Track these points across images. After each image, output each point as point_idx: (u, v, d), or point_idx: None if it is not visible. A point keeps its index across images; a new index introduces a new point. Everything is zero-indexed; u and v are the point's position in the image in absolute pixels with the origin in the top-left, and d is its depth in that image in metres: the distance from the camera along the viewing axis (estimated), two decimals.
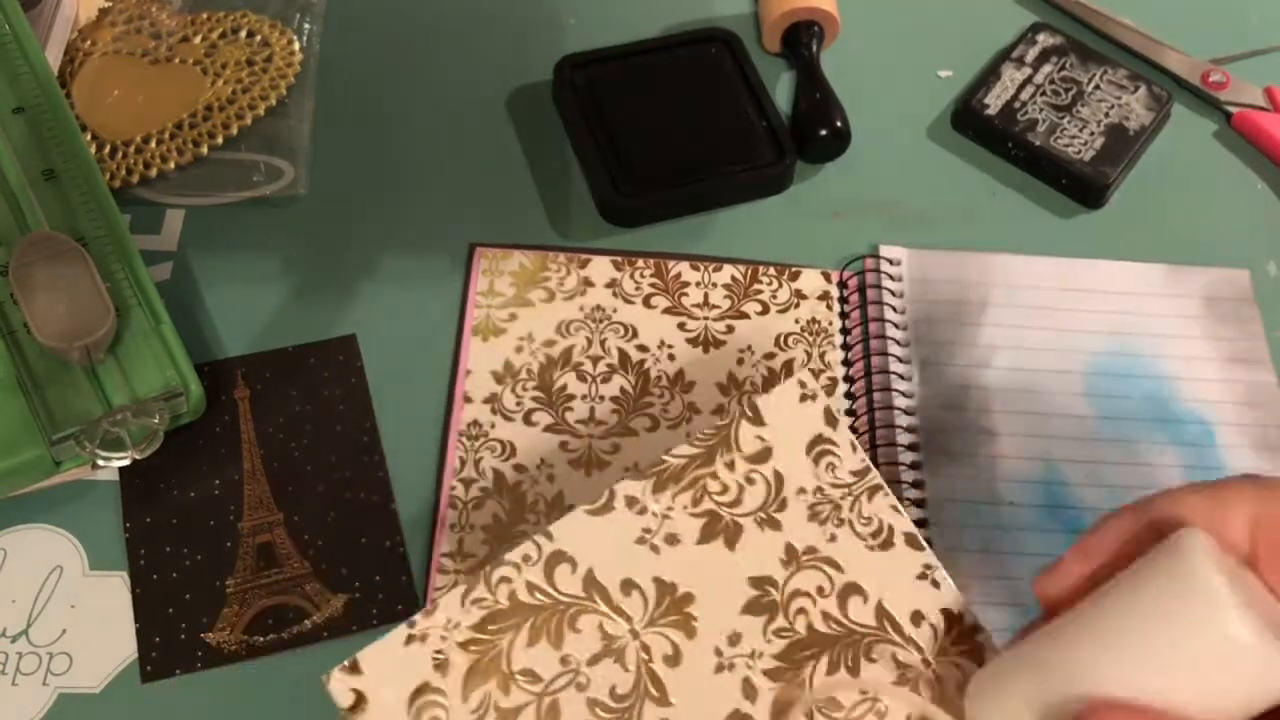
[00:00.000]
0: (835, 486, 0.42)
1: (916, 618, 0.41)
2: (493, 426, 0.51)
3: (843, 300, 0.56)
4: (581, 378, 0.53)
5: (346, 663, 0.38)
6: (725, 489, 0.41)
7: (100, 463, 0.45)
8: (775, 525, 0.41)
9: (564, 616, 0.39)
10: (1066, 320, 0.56)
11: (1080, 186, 0.60)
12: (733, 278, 0.56)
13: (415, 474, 0.50)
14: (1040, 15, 0.67)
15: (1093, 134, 0.61)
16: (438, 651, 0.38)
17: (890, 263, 0.57)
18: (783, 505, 0.42)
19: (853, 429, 0.52)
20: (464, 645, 0.38)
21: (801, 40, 0.63)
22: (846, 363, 0.54)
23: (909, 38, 0.66)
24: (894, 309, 0.56)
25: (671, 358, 0.54)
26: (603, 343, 0.54)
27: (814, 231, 0.58)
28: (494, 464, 0.51)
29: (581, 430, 0.52)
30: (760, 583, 0.40)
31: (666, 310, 0.55)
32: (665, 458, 0.42)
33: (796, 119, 0.61)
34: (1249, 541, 0.35)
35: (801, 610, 0.40)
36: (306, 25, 0.62)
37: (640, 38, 0.62)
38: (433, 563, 0.48)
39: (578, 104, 0.59)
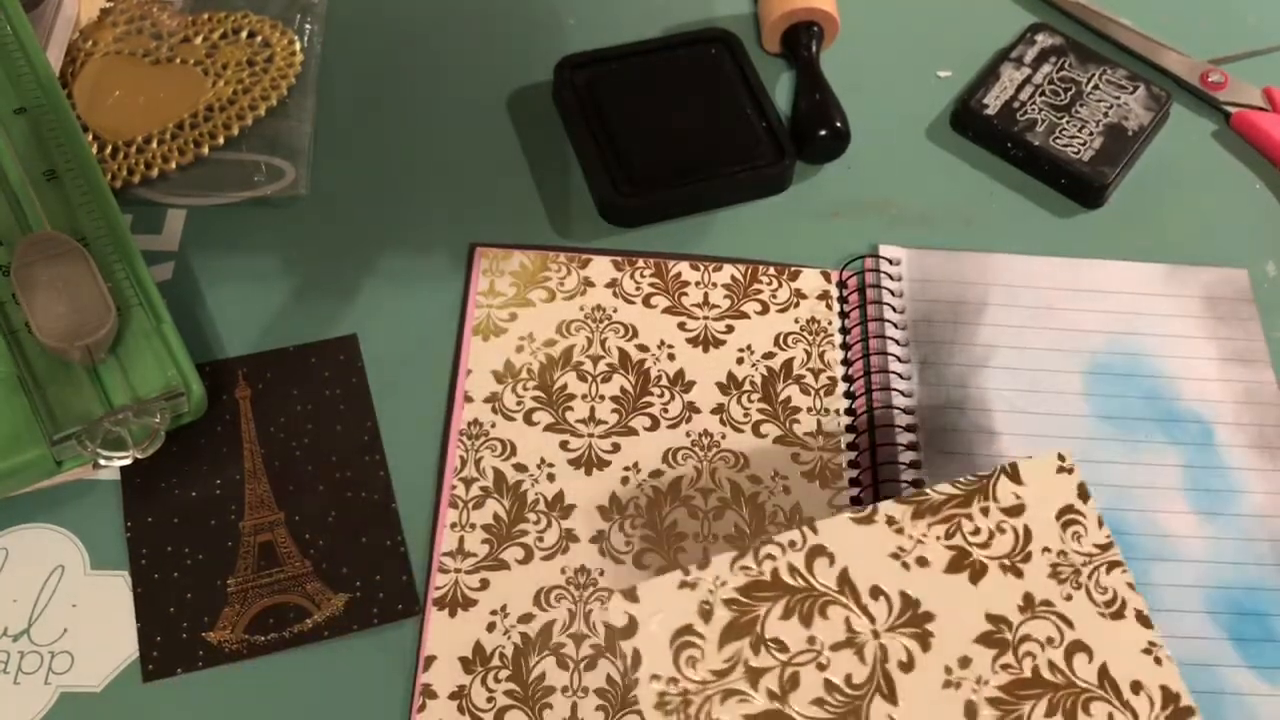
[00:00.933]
0: (1078, 554, 0.45)
1: (1136, 686, 0.43)
2: (493, 426, 0.52)
3: (842, 300, 0.56)
4: (582, 377, 0.53)
5: (626, 589, 0.41)
6: (978, 531, 0.44)
7: (101, 462, 0.46)
8: (1018, 573, 0.44)
9: (816, 602, 0.42)
10: (1066, 320, 0.56)
11: (1079, 186, 0.60)
12: (732, 278, 0.56)
13: (416, 473, 0.51)
14: (1039, 15, 0.67)
15: (1092, 134, 0.61)
16: (704, 601, 0.42)
17: (890, 262, 0.57)
18: (1027, 557, 0.45)
19: (852, 428, 0.52)
20: (728, 602, 0.42)
21: (801, 40, 0.63)
22: (846, 362, 0.54)
23: (909, 38, 0.66)
24: (893, 309, 0.56)
25: (671, 357, 0.54)
26: (603, 342, 0.54)
27: (814, 231, 0.59)
28: (494, 463, 0.51)
29: (581, 430, 0.52)
30: (996, 620, 0.43)
31: (666, 310, 0.55)
32: (929, 491, 0.45)
33: (796, 119, 0.61)
34: None
35: (1030, 654, 0.43)
36: (307, 26, 0.62)
37: (640, 38, 0.62)
38: (433, 562, 0.48)
39: (578, 104, 0.59)
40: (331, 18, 0.63)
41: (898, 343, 0.55)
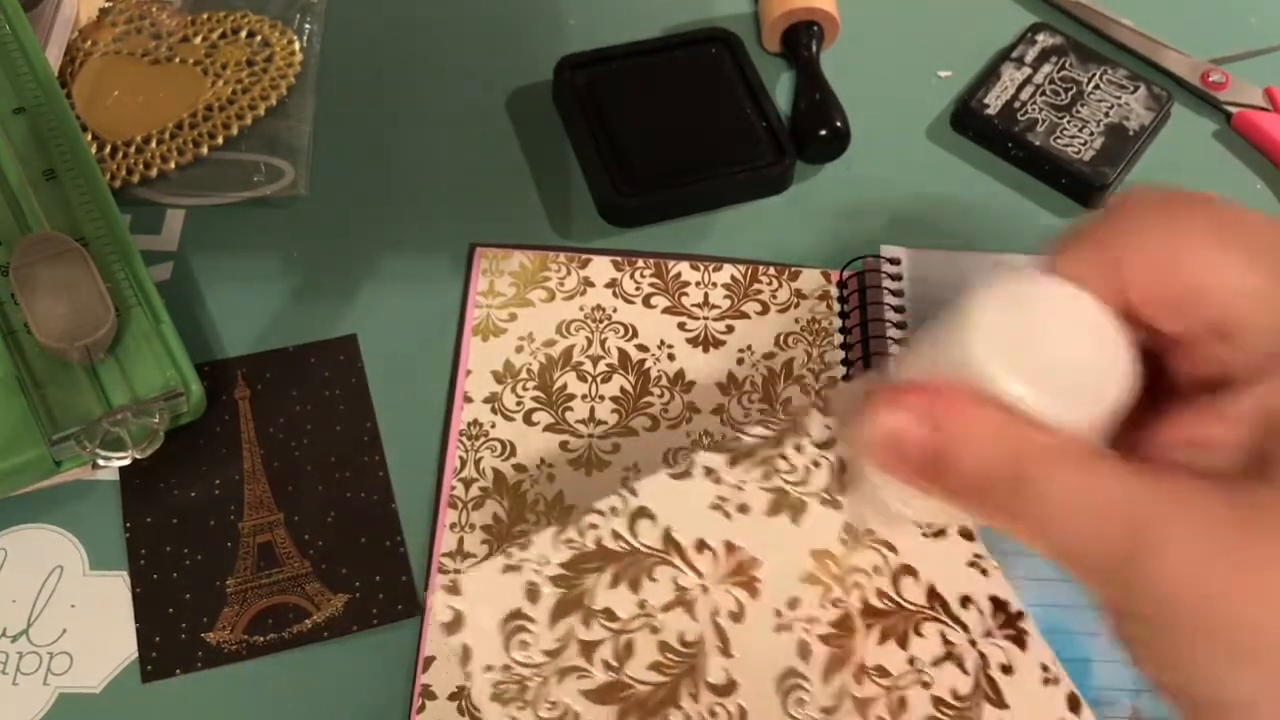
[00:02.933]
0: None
1: (965, 601, 0.43)
2: (493, 426, 0.51)
3: (842, 300, 0.56)
4: (581, 377, 0.53)
5: (448, 581, 0.41)
6: (794, 469, 0.44)
7: (100, 462, 0.45)
8: (837, 505, 0.44)
9: (643, 565, 0.42)
10: None
11: (1080, 186, 0.60)
12: (733, 278, 0.56)
13: (415, 474, 0.50)
14: (1040, 15, 0.67)
15: (1092, 134, 0.61)
16: (530, 583, 0.41)
17: (890, 262, 0.57)
18: (845, 489, 0.44)
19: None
20: (554, 580, 0.41)
21: (801, 40, 0.63)
22: (846, 363, 0.54)
23: (909, 38, 0.66)
24: (894, 309, 0.56)
25: (671, 358, 0.54)
26: (603, 343, 0.54)
27: (814, 231, 0.59)
28: (494, 463, 0.51)
29: (581, 430, 0.52)
30: (820, 556, 0.43)
31: (666, 310, 0.55)
32: (742, 435, 0.45)
33: (796, 119, 0.61)
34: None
35: (857, 584, 0.43)
36: (307, 25, 0.62)
37: (640, 38, 0.62)
38: (433, 563, 0.48)
39: (578, 104, 0.59)
40: (331, 17, 0.63)
41: (898, 344, 0.55)
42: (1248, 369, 0.30)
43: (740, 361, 0.54)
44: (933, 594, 0.43)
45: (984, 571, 0.43)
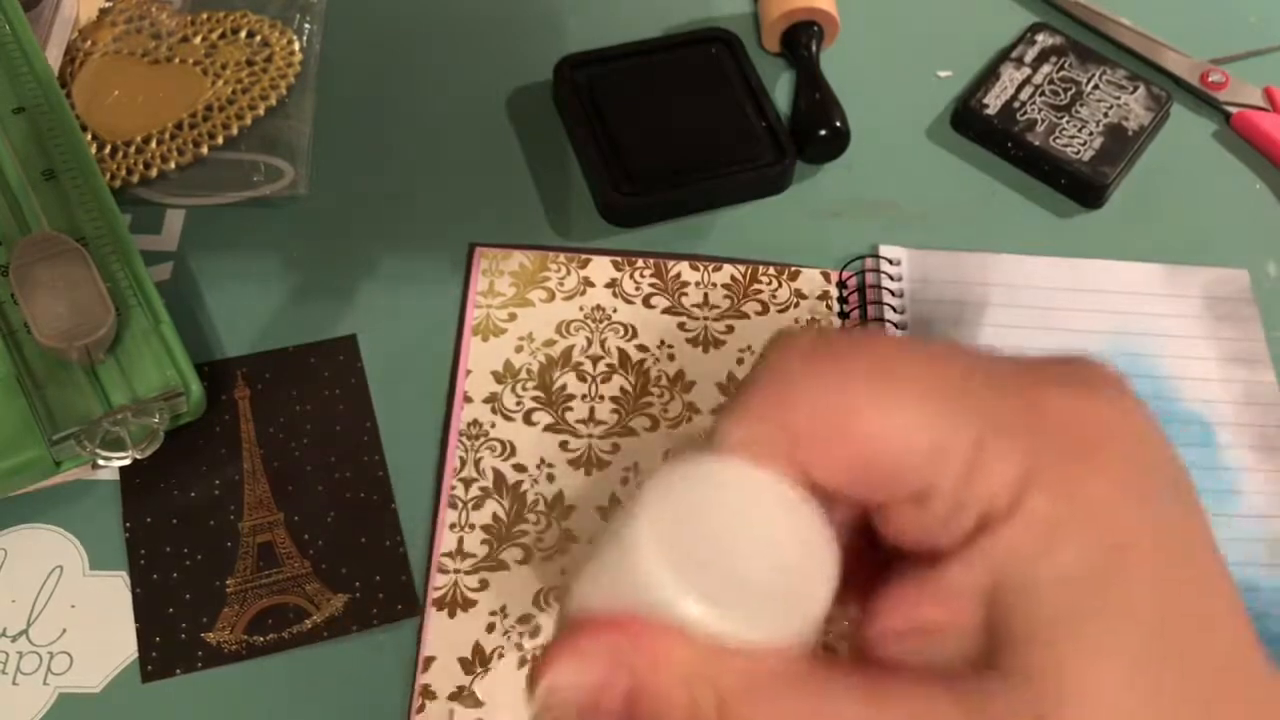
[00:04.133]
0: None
1: None
2: (493, 426, 0.51)
3: (842, 300, 0.56)
4: (581, 378, 0.53)
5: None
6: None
7: (100, 462, 0.45)
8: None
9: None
10: (1066, 320, 0.56)
11: (1079, 186, 0.60)
12: (732, 278, 0.56)
13: (415, 474, 0.50)
14: (1039, 15, 0.67)
15: (1092, 134, 0.61)
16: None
17: (890, 263, 0.57)
18: None
19: None
20: None
21: (801, 40, 0.63)
22: None
23: (909, 38, 0.66)
24: (894, 309, 0.56)
25: (671, 358, 0.54)
26: (603, 343, 0.54)
27: (814, 231, 0.59)
28: (494, 463, 0.51)
29: (581, 430, 0.52)
30: None
31: (666, 310, 0.55)
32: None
33: (796, 119, 0.61)
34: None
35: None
36: (307, 25, 0.62)
37: (640, 38, 0.62)
38: (433, 563, 0.48)
39: (578, 104, 0.59)
40: (331, 17, 0.63)
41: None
42: (951, 533, 0.25)
43: (740, 361, 0.54)
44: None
45: None
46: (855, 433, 0.25)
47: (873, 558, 0.28)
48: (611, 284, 0.55)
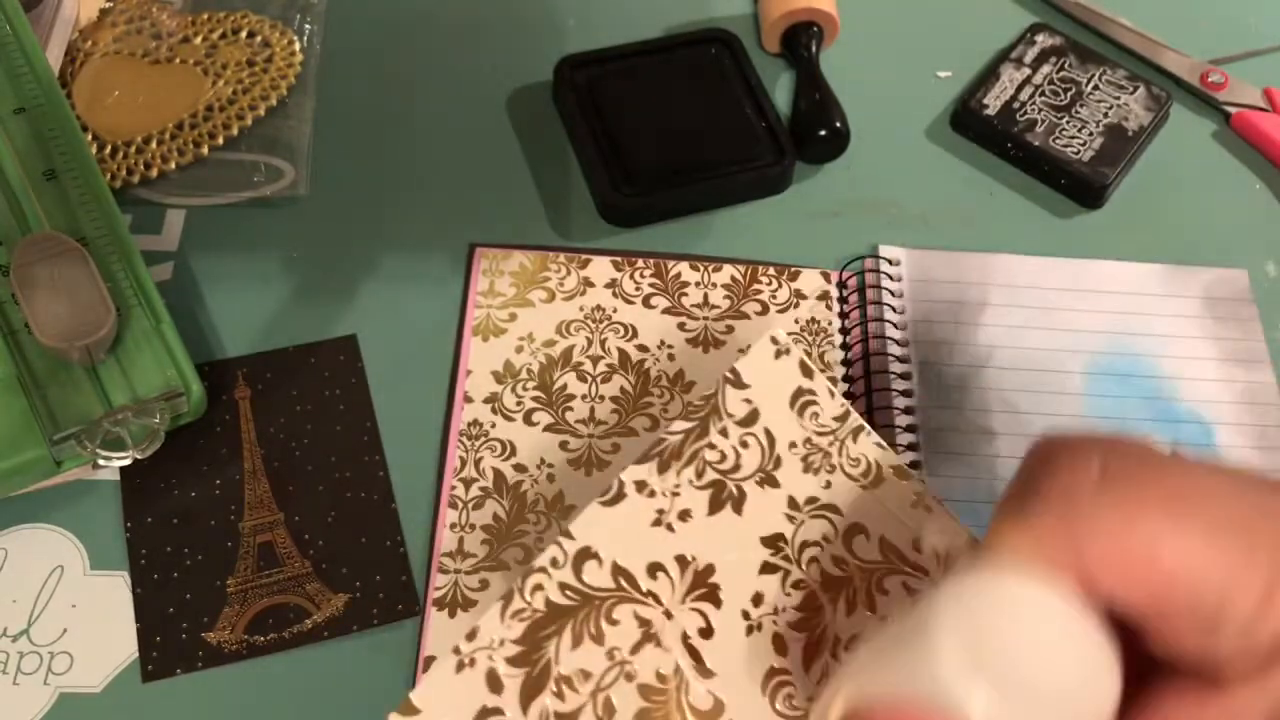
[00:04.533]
0: (821, 434, 0.43)
1: (917, 544, 0.42)
2: (493, 426, 0.52)
3: (842, 300, 0.56)
4: (581, 378, 0.53)
5: (402, 705, 0.38)
6: (724, 457, 0.42)
7: (101, 462, 0.45)
8: (774, 483, 0.42)
9: (600, 611, 0.40)
10: (1065, 320, 0.56)
11: (1079, 187, 0.60)
12: (732, 278, 0.56)
13: (415, 474, 0.51)
14: (1039, 16, 0.67)
15: (1091, 134, 0.61)
16: (490, 671, 0.39)
17: (890, 263, 0.57)
18: (778, 463, 0.43)
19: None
20: (513, 661, 0.39)
21: (801, 40, 0.63)
22: (846, 363, 0.54)
23: (908, 38, 0.66)
24: (893, 309, 0.56)
25: (671, 358, 0.54)
26: (603, 343, 0.54)
27: (813, 231, 0.59)
28: (494, 464, 0.51)
29: (581, 430, 0.52)
30: (771, 541, 0.41)
31: (666, 310, 0.55)
32: (663, 435, 0.43)
33: (796, 119, 0.61)
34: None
35: (814, 560, 0.42)
36: (307, 26, 0.62)
37: (640, 38, 0.62)
38: (433, 563, 0.48)
39: (578, 104, 0.59)
40: (331, 17, 0.63)
41: (898, 343, 0.55)
42: (1237, 659, 0.27)
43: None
44: (885, 545, 0.41)
45: (928, 508, 0.42)
46: (1153, 563, 0.27)
47: (1129, 662, 0.29)
48: (611, 284, 0.56)
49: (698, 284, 0.56)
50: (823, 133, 0.59)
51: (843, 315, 0.56)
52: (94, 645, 0.46)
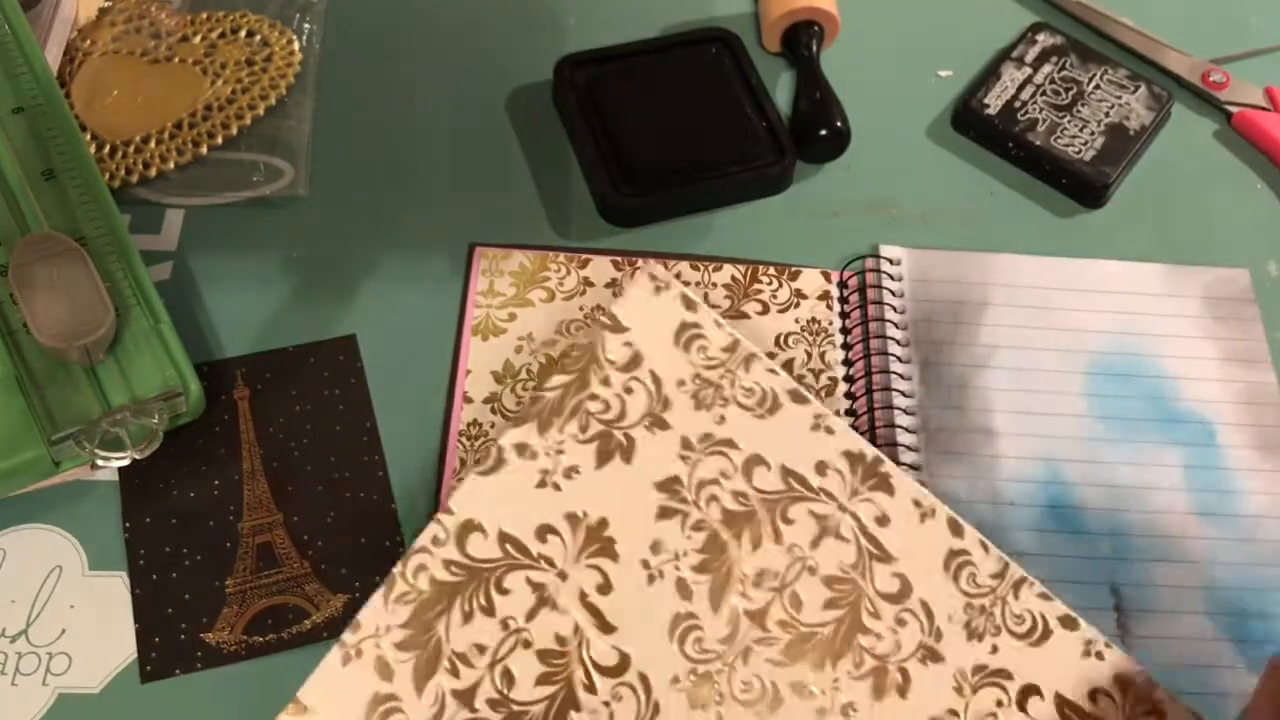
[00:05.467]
0: (710, 368, 0.42)
1: (821, 468, 0.41)
2: (492, 426, 0.51)
3: (843, 300, 0.56)
4: None
5: (291, 706, 0.38)
6: (607, 406, 0.41)
7: (100, 463, 0.45)
8: (665, 425, 0.42)
9: (489, 582, 0.39)
10: (1066, 320, 0.56)
11: (1080, 186, 0.60)
12: (733, 278, 0.56)
13: (415, 474, 0.50)
14: (1040, 15, 0.67)
15: (1093, 134, 0.61)
16: (379, 659, 0.38)
17: (890, 262, 0.57)
18: (667, 404, 0.42)
19: (853, 429, 0.52)
20: (401, 645, 0.38)
21: (801, 40, 0.63)
22: (847, 362, 0.54)
23: (909, 38, 0.66)
24: (894, 309, 0.56)
25: None
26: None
27: (814, 231, 0.58)
28: None
29: None
30: (666, 485, 0.41)
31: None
32: (541, 393, 0.42)
33: (796, 119, 0.61)
34: None
35: (713, 498, 0.41)
36: (306, 25, 0.62)
37: (640, 38, 0.62)
38: None
39: (578, 104, 0.59)
40: (330, 17, 0.63)
41: (898, 343, 0.55)
42: None
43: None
44: (787, 474, 0.41)
45: (829, 430, 0.41)
46: None
47: None
48: (611, 284, 0.55)
49: (698, 284, 0.56)
50: (823, 132, 0.59)
51: (843, 315, 0.55)
52: (93, 646, 0.46)
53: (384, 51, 0.63)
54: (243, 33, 0.61)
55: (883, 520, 0.41)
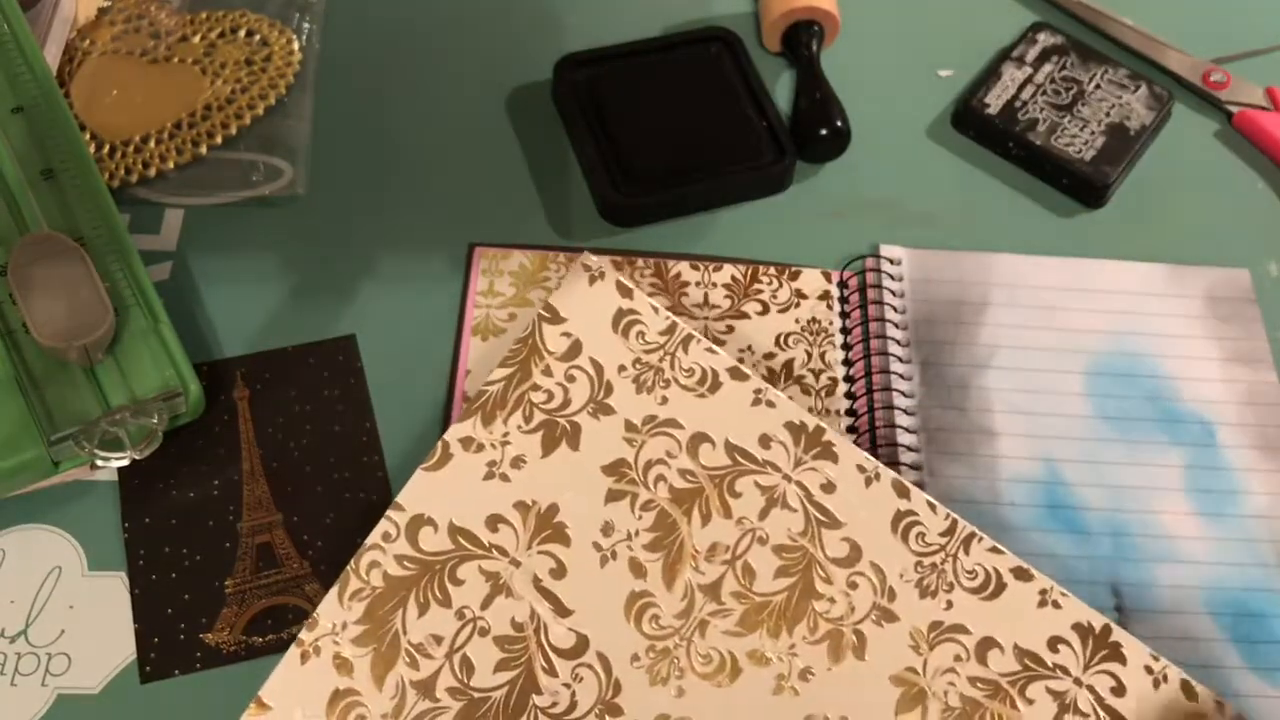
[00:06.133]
0: (650, 351, 0.43)
1: (765, 441, 0.42)
2: None
3: (843, 300, 0.56)
4: None
5: (253, 705, 0.39)
6: (550, 395, 0.42)
7: (99, 463, 0.45)
8: (608, 410, 0.42)
9: (442, 574, 0.40)
10: (1067, 320, 0.56)
11: (1081, 186, 0.60)
12: (733, 277, 0.56)
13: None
14: (1040, 15, 0.67)
15: (1093, 133, 0.61)
16: (336, 656, 0.39)
17: (891, 262, 0.57)
18: (609, 389, 0.43)
19: (853, 429, 0.52)
20: (358, 641, 0.39)
21: (801, 40, 0.62)
22: (847, 362, 0.54)
23: (909, 37, 0.66)
24: (894, 309, 0.56)
25: None
26: None
27: (814, 231, 0.58)
28: None
29: None
30: (613, 469, 0.41)
31: (666, 310, 0.55)
32: (483, 387, 0.42)
33: (796, 119, 0.61)
34: None
35: (660, 478, 0.42)
36: (306, 25, 0.62)
37: (640, 36, 0.62)
38: None
39: (578, 104, 0.59)
40: (330, 16, 0.63)
41: (899, 343, 0.55)
42: None
43: (741, 362, 0.54)
44: (731, 449, 0.41)
45: (770, 404, 0.42)
46: None
47: None
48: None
49: (698, 284, 0.56)
50: (823, 132, 0.59)
51: (844, 315, 0.55)
52: (92, 646, 0.46)
53: (384, 51, 0.63)
54: (242, 32, 0.61)
55: (828, 487, 0.42)
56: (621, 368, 0.43)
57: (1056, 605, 0.43)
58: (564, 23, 0.65)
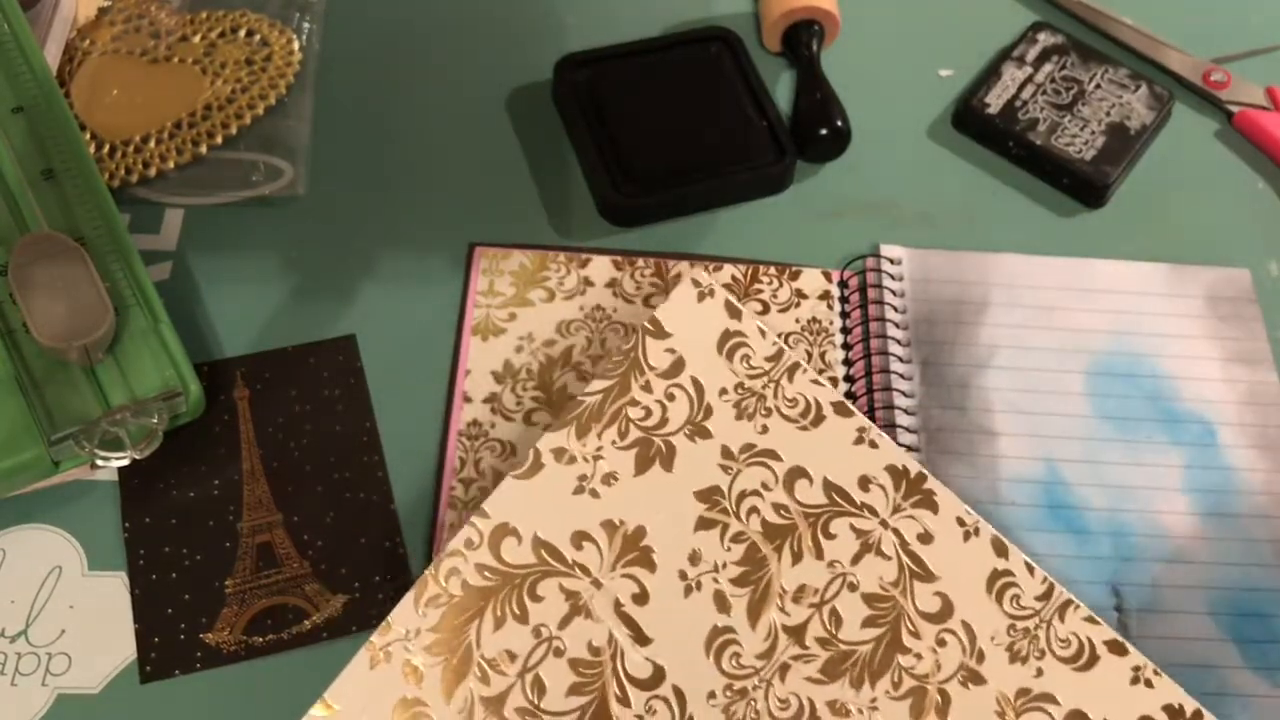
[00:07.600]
0: (754, 377, 0.42)
1: (864, 483, 0.41)
2: (493, 426, 0.51)
3: (843, 300, 0.56)
4: (581, 377, 0.53)
5: (317, 706, 0.37)
6: (648, 412, 0.41)
7: (99, 463, 0.45)
8: (706, 434, 0.41)
9: (522, 588, 0.39)
10: (1067, 320, 0.56)
11: (1081, 186, 0.60)
12: (733, 277, 0.56)
13: (415, 474, 0.50)
14: (1041, 14, 0.67)
15: (1094, 133, 0.61)
16: (407, 663, 0.37)
17: (891, 262, 0.57)
18: (708, 412, 0.41)
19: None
20: (430, 649, 0.38)
21: (802, 40, 0.62)
22: (847, 362, 0.54)
23: (909, 37, 0.66)
24: (895, 309, 0.56)
25: None
26: (603, 342, 0.54)
27: (814, 231, 0.58)
28: (494, 464, 0.50)
29: None
30: (706, 495, 0.40)
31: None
32: (581, 398, 0.41)
33: (797, 119, 0.61)
34: None
35: (753, 510, 0.40)
36: (306, 25, 0.62)
37: (640, 37, 0.62)
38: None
39: (578, 104, 0.59)
40: (330, 16, 0.63)
41: (899, 343, 0.55)
42: None
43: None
44: (829, 487, 0.40)
45: (873, 444, 0.41)
46: None
47: None
48: (611, 284, 0.55)
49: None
50: (824, 132, 0.59)
51: (844, 315, 0.55)
52: (92, 646, 0.46)
53: (384, 51, 0.63)
54: (242, 32, 0.61)
55: (925, 537, 0.40)
56: (723, 391, 0.41)
57: (1149, 684, 0.41)
58: (564, 23, 0.65)
